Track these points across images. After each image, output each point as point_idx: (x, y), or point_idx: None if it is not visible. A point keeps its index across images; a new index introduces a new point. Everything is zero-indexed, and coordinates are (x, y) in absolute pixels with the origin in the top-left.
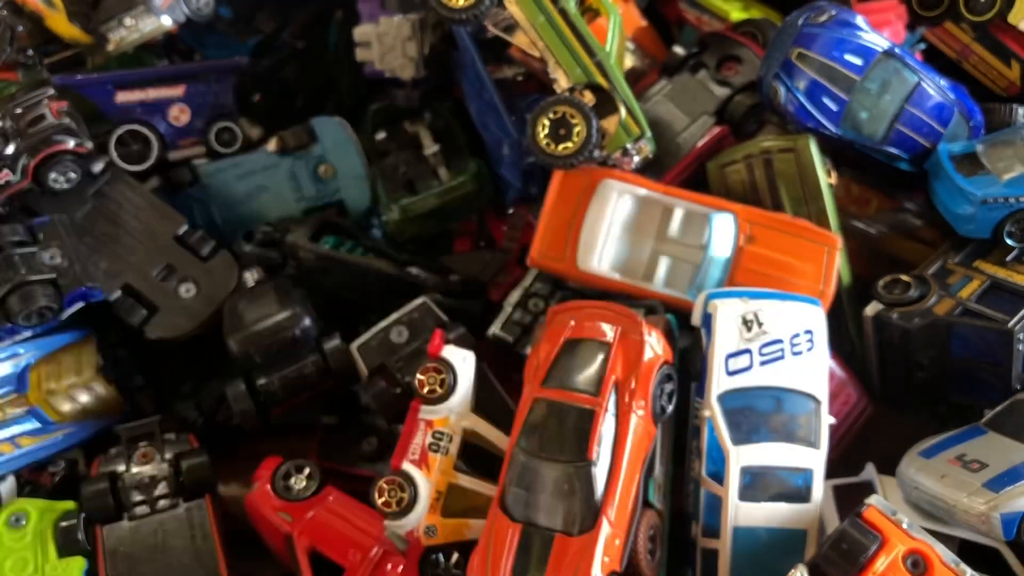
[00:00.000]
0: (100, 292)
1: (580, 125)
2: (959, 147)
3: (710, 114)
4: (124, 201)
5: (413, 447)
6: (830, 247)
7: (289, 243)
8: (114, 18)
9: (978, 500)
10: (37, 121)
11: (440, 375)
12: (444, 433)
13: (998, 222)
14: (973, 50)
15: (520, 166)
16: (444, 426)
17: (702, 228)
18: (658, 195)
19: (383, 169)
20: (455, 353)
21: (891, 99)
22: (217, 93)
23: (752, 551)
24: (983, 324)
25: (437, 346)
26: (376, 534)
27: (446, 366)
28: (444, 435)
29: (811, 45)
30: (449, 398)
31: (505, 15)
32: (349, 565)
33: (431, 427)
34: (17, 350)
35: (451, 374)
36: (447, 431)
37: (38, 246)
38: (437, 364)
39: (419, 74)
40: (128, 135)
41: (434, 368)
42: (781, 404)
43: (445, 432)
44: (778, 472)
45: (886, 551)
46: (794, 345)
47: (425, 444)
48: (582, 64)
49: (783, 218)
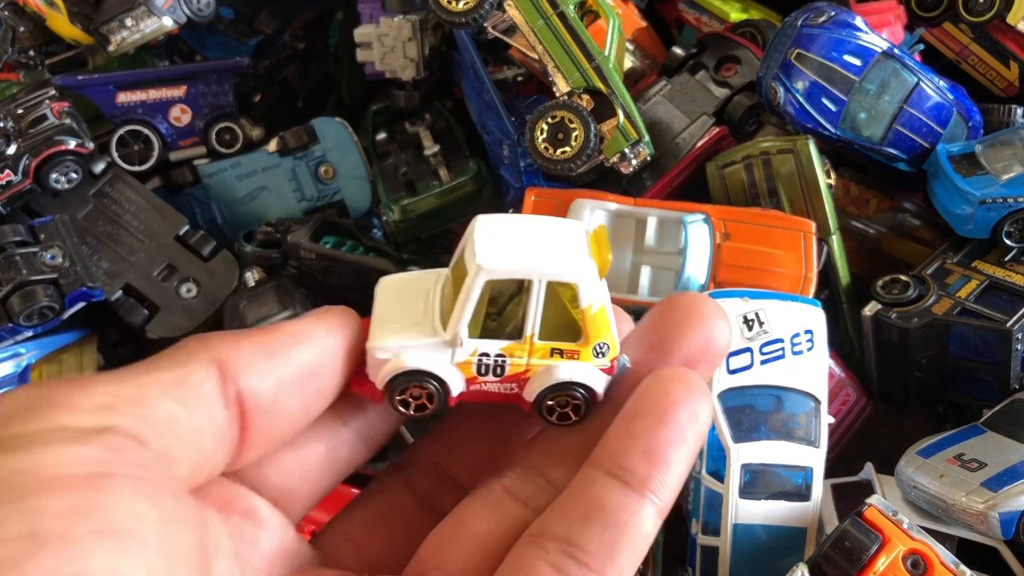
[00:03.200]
0: (101, 292)
1: (578, 130)
2: (958, 148)
3: (709, 115)
4: (125, 201)
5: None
6: (805, 232)
7: (290, 243)
8: (115, 19)
9: (976, 499)
10: (38, 121)
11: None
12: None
13: (996, 222)
14: (972, 51)
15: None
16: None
17: (677, 234)
18: (630, 208)
19: (383, 169)
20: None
21: (890, 100)
22: (218, 94)
23: (752, 549)
24: (981, 324)
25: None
26: None
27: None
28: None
29: (810, 46)
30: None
31: (505, 18)
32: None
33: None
34: (18, 350)
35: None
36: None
37: (39, 246)
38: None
39: (420, 75)
40: (129, 135)
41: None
42: (781, 403)
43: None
44: (778, 470)
45: (886, 551)
46: (794, 344)
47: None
48: (581, 68)
49: (755, 211)
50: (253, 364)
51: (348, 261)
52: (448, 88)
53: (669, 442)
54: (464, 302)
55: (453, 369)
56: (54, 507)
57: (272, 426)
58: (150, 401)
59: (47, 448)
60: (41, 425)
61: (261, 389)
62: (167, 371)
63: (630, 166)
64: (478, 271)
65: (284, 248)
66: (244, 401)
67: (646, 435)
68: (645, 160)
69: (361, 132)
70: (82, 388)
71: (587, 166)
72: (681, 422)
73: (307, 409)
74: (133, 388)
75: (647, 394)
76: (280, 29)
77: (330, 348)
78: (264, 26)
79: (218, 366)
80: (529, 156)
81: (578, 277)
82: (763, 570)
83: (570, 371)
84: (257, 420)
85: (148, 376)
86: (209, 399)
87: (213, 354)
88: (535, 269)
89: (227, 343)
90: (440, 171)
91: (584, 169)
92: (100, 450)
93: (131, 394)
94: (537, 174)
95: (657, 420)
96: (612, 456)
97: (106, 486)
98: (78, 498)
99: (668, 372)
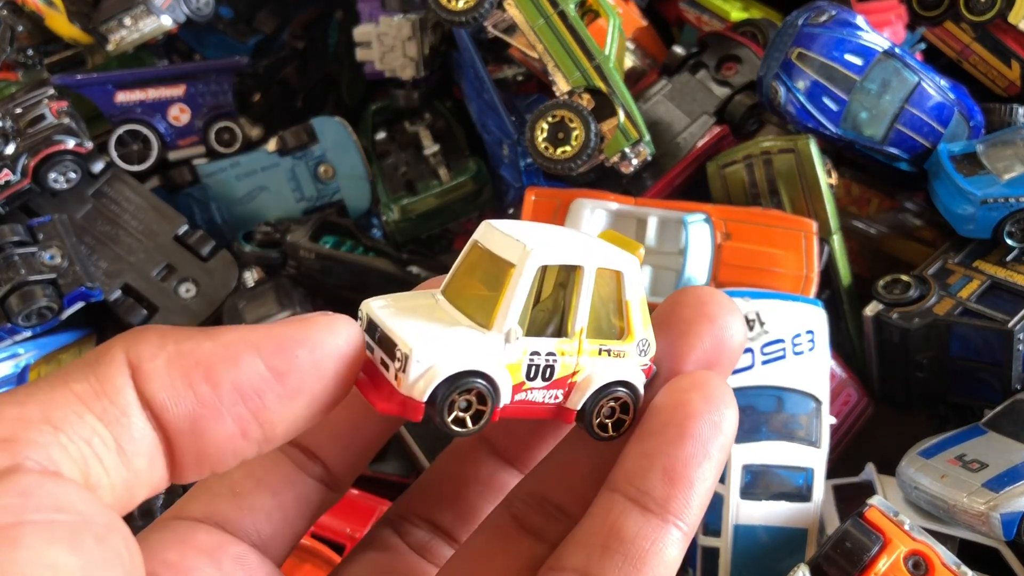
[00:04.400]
0: (100, 292)
1: (578, 129)
2: (959, 147)
3: (710, 114)
4: (124, 201)
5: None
6: (806, 231)
7: (289, 243)
8: (114, 18)
9: (978, 500)
10: (37, 121)
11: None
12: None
13: (998, 222)
14: (973, 50)
15: (520, 166)
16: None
17: (678, 233)
18: (630, 207)
19: (383, 169)
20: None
21: (891, 99)
22: (217, 93)
23: (752, 550)
24: (983, 324)
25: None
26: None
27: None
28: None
29: (811, 45)
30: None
31: (505, 17)
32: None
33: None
34: (17, 350)
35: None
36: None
37: (38, 246)
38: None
39: (419, 74)
40: (128, 135)
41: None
42: (782, 403)
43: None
44: (779, 471)
45: (888, 552)
46: (795, 345)
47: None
48: (581, 68)
49: (755, 211)
50: (166, 376)
51: (347, 261)
52: (448, 87)
53: (690, 459)
54: (513, 292)
55: (504, 371)
56: None
57: (198, 450)
58: (63, 421)
59: None
60: None
61: (172, 407)
62: (82, 380)
63: (631, 166)
64: (527, 256)
65: (283, 248)
66: (157, 417)
67: (664, 453)
68: (646, 160)
69: (360, 131)
70: None
71: (587, 166)
72: (702, 436)
73: (244, 434)
74: (43, 407)
75: (663, 406)
76: (279, 28)
77: (278, 366)
78: (263, 25)
79: (131, 370)
80: (529, 155)
81: (625, 265)
82: (764, 571)
83: (621, 370)
84: (178, 441)
85: (62, 389)
86: (132, 411)
87: (129, 356)
88: (586, 255)
89: (148, 344)
90: (440, 171)
91: (584, 169)
92: (6, 496)
93: (40, 415)
94: (537, 173)
95: (675, 435)
96: (629, 478)
97: (17, 539)
98: None
99: (684, 380)
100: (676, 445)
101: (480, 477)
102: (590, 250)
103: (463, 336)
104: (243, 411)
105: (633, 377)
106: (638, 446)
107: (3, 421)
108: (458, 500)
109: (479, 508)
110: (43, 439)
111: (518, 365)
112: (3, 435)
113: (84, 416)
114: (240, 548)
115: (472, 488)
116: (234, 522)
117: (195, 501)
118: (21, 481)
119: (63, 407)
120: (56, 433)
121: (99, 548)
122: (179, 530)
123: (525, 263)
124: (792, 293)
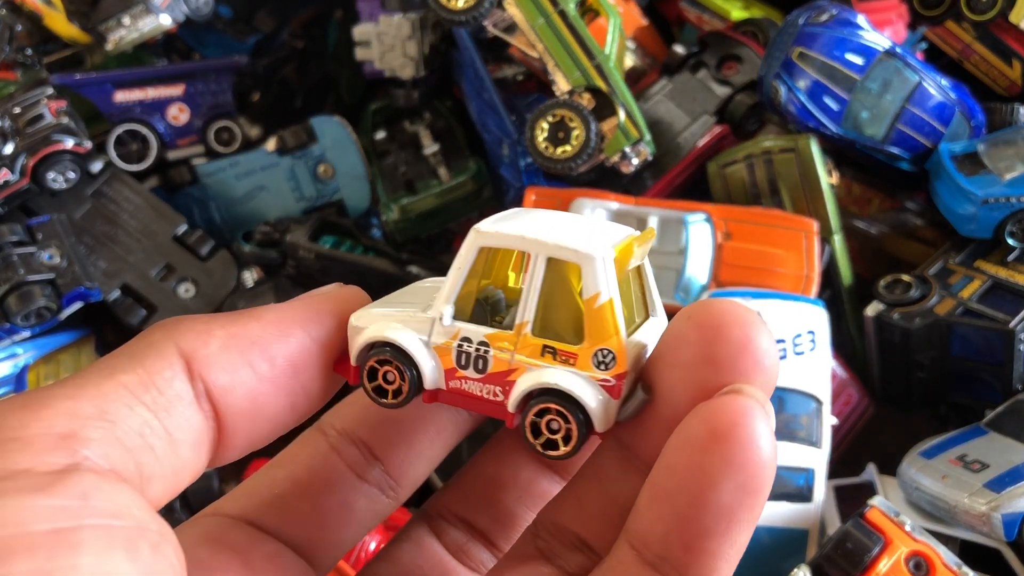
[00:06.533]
0: (99, 292)
1: (578, 129)
2: (960, 147)
3: (711, 113)
4: (123, 201)
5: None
6: (807, 231)
7: (288, 243)
8: (113, 17)
9: (979, 500)
10: (36, 120)
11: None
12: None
13: (999, 222)
14: (974, 49)
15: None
16: None
17: (679, 233)
18: (630, 207)
19: (382, 169)
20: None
21: (892, 99)
22: (216, 92)
23: (753, 550)
24: (984, 324)
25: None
26: None
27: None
28: None
29: (812, 44)
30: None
31: (505, 16)
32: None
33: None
34: (15, 350)
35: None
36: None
37: (37, 246)
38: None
39: (419, 73)
40: (127, 134)
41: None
42: (783, 403)
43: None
44: (780, 471)
45: (888, 552)
46: (796, 345)
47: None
48: (581, 67)
49: (756, 211)
50: (225, 359)
51: (347, 261)
52: (448, 87)
53: (710, 531)
54: (451, 273)
55: (429, 352)
56: (17, 574)
57: (252, 428)
58: (117, 415)
59: (6, 501)
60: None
61: (234, 388)
62: (130, 372)
63: (631, 165)
64: (473, 236)
65: (282, 248)
66: (216, 401)
67: (680, 521)
68: (646, 159)
69: (360, 131)
70: (39, 413)
71: (588, 165)
72: (725, 505)
73: (293, 407)
74: (96, 401)
75: (678, 457)
76: (279, 28)
77: (319, 337)
78: (263, 25)
79: (185, 360)
80: (529, 155)
81: (584, 257)
82: (765, 572)
83: (559, 376)
84: (233, 422)
85: (111, 382)
86: (182, 400)
87: (179, 346)
88: (534, 239)
89: (195, 332)
90: (439, 170)
91: (585, 168)
92: (66, 498)
93: (95, 410)
94: (537, 173)
95: (692, 500)
96: (644, 539)
97: (78, 545)
98: (44, 561)
99: (699, 426)
100: (694, 514)
101: (519, 481)
102: (549, 236)
103: (405, 314)
104: (295, 384)
105: (575, 388)
106: (652, 506)
107: (59, 416)
108: (495, 503)
109: (517, 514)
110: (98, 435)
111: (447, 349)
112: (61, 431)
113: (135, 407)
114: (273, 546)
115: (510, 492)
116: (269, 523)
117: (233, 500)
118: (81, 482)
119: (114, 400)
120: (111, 428)
121: (154, 556)
122: (212, 527)
123: (469, 244)
124: (793, 293)
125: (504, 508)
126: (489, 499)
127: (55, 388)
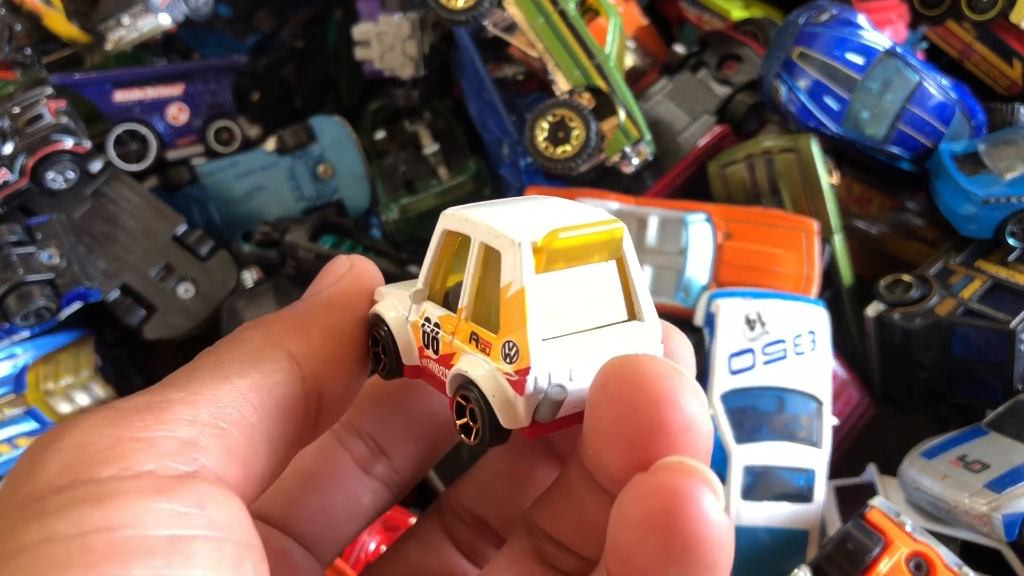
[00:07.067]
0: (98, 292)
1: (579, 128)
2: (961, 147)
3: (711, 113)
4: (122, 200)
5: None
6: (807, 231)
7: (288, 243)
8: (112, 17)
9: (980, 501)
10: (35, 120)
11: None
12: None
13: (1000, 222)
14: (975, 49)
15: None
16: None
17: (679, 233)
18: (631, 207)
19: (382, 168)
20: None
21: (893, 98)
22: (216, 92)
23: (754, 551)
24: (985, 324)
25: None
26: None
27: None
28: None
29: (812, 44)
30: None
31: (505, 16)
32: None
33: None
34: (15, 350)
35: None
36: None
37: (36, 246)
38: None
39: (419, 73)
40: (126, 134)
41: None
42: (783, 404)
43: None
44: (780, 472)
45: (889, 553)
46: (797, 345)
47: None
48: (581, 67)
49: (757, 211)
50: (332, 361)
51: None
52: (448, 87)
53: None
54: (428, 255)
55: (407, 327)
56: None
57: (336, 418)
58: (231, 420)
59: (127, 502)
60: (122, 469)
61: (338, 388)
62: (242, 375)
63: (631, 165)
64: (440, 219)
65: (282, 248)
66: (324, 394)
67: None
68: (646, 159)
69: (360, 131)
70: (162, 416)
71: (588, 165)
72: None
73: (359, 386)
74: (211, 407)
75: (628, 540)
76: (278, 27)
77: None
78: (262, 24)
79: (296, 364)
80: (529, 155)
81: (504, 244)
82: (765, 572)
83: (468, 363)
84: (329, 411)
85: (224, 386)
86: (293, 403)
87: (287, 348)
88: (473, 223)
89: (296, 333)
90: (439, 170)
91: (585, 168)
92: (183, 505)
93: (210, 416)
94: (537, 173)
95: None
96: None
97: (192, 556)
98: (161, 568)
99: (645, 507)
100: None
101: (536, 480)
102: (490, 222)
103: (405, 292)
104: (368, 366)
105: (479, 378)
106: (612, 552)
107: (180, 422)
108: (509, 502)
109: (522, 503)
110: (213, 443)
111: (417, 328)
112: (184, 437)
113: (245, 411)
114: (283, 543)
115: (525, 492)
116: (278, 519)
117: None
118: (199, 490)
119: (229, 405)
120: (225, 436)
121: (255, 574)
122: None
123: (436, 224)
124: (793, 293)
125: (518, 507)
126: (503, 497)
127: (172, 391)
